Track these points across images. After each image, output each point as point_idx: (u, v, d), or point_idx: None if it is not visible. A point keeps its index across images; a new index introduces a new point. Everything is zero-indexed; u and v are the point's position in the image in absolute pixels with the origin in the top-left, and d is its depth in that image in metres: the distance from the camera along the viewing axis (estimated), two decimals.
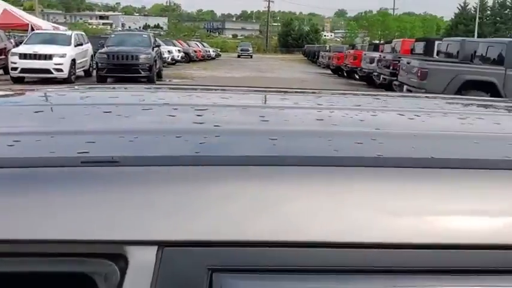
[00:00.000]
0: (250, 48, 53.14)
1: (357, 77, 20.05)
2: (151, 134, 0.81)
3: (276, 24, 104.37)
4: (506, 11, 65.94)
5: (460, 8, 68.91)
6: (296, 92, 1.49)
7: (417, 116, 1.09)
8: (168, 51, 25.53)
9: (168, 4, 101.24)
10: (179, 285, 0.57)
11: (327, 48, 35.02)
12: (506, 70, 10.24)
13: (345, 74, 22.65)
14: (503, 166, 0.70)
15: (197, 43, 41.31)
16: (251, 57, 49.31)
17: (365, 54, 19.35)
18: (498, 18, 65.22)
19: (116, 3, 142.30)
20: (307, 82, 19.35)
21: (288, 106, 1.20)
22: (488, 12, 66.29)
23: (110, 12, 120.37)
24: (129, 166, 0.64)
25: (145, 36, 17.43)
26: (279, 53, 70.92)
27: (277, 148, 0.76)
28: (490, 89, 9.91)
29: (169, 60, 25.18)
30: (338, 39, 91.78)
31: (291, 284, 0.58)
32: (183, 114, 0.98)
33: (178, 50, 29.51)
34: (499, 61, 10.60)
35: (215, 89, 1.44)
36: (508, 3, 66.17)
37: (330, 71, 26.58)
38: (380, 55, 16.84)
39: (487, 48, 11.40)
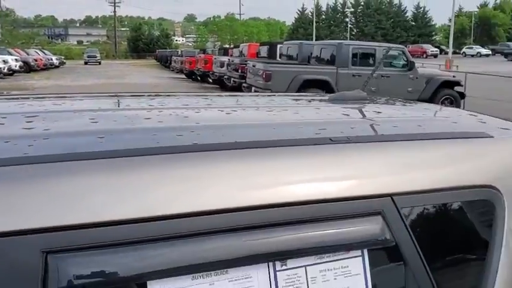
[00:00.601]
0: (98, 55, 50.92)
1: (210, 80, 20.49)
2: None
3: (124, 29, 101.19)
4: (338, 15, 73.14)
5: (298, 12, 74.20)
6: (132, 95, 1.59)
7: (234, 111, 1.29)
8: (4, 61, 23.32)
9: None
10: (14, 272, 0.63)
11: (179, 53, 35.03)
12: (338, 69, 11.48)
13: (198, 78, 22.98)
14: (292, 144, 0.91)
15: (37, 51, 38.22)
16: (99, 63, 47.43)
17: (215, 59, 19.90)
18: (332, 22, 72.08)
19: None
20: (160, 87, 19.19)
21: (118, 108, 1.31)
22: (323, 16, 72.86)
23: None
24: None
25: None
26: (129, 58, 68.89)
27: (104, 144, 0.87)
28: (325, 86, 11.01)
29: (5, 70, 23.05)
30: (190, 44, 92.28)
31: (122, 258, 0.69)
32: (12, 122, 1.03)
33: (16, 59, 27.03)
34: (331, 61, 11.83)
35: (49, 97, 1.47)
36: (339, 8, 73.34)
37: (183, 76, 26.71)
38: (229, 59, 17.48)
39: (321, 50, 12.63)
